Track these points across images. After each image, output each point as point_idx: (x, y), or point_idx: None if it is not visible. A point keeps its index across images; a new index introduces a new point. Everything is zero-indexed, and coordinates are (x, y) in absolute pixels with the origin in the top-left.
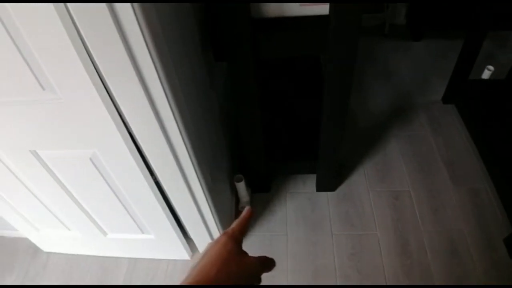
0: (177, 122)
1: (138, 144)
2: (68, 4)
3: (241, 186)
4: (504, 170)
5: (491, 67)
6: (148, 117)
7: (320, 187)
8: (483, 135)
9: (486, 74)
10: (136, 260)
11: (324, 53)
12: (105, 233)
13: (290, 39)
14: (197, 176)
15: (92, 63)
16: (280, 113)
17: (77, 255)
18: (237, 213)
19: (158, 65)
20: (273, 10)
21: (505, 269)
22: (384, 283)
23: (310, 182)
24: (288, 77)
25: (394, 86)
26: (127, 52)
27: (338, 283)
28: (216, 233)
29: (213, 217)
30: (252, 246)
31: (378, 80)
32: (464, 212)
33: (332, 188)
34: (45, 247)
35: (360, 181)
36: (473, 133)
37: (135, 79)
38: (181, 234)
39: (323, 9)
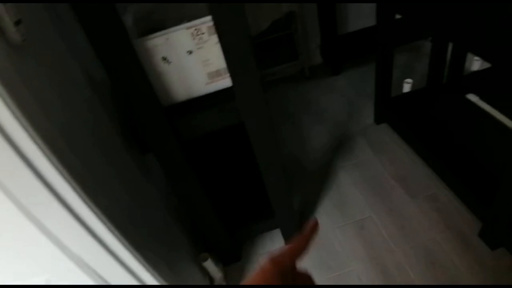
0: (113, 233)
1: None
2: None
3: (209, 265)
4: (451, 168)
5: (409, 80)
6: (81, 235)
7: (287, 239)
8: (420, 143)
9: (406, 88)
10: None
11: (240, 119)
12: None
13: (205, 117)
14: (151, 273)
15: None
16: (225, 181)
17: None
18: None
19: (76, 188)
20: (181, 94)
21: (488, 262)
22: None
23: (276, 237)
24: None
25: (329, 121)
26: (35, 175)
27: None
28: None
29: None
30: None
31: (313, 120)
32: (430, 220)
33: None
34: None
35: (323, 221)
36: (411, 144)
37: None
38: None
39: (226, 82)
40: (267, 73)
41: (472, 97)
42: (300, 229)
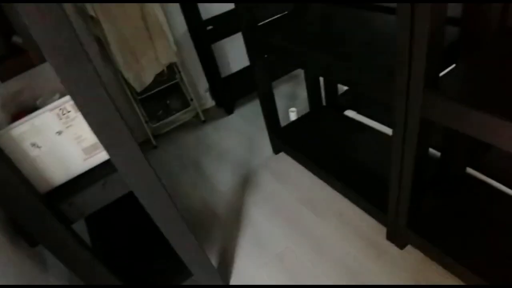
0: None
1: None
2: None
3: None
4: (347, 182)
5: (293, 109)
6: None
7: None
8: (316, 165)
9: (292, 116)
10: None
11: (128, 190)
12: None
13: (90, 194)
14: None
15: None
16: (134, 253)
17: None
18: None
19: None
20: (59, 177)
21: (400, 261)
22: None
23: None
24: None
25: (231, 161)
26: None
27: None
28: None
29: None
30: None
31: (216, 163)
32: (341, 235)
33: None
34: None
35: (246, 264)
36: (308, 167)
37: None
38: None
39: (103, 155)
40: (163, 124)
41: (350, 113)
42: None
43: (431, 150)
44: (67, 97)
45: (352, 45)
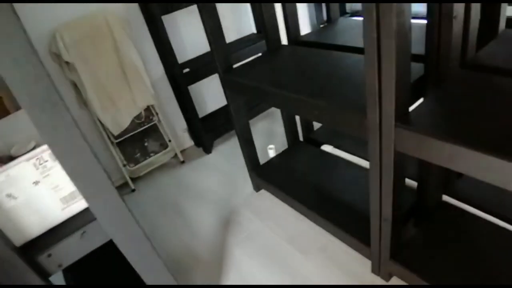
0: None
1: None
2: None
3: None
4: (328, 217)
5: (271, 146)
6: None
7: None
8: (296, 200)
9: (271, 153)
10: None
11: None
12: None
13: (69, 245)
14: None
15: None
16: None
17: None
18: None
19: None
20: (36, 228)
21: None
22: None
23: None
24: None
25: (211, 201)
26: None
27: None
28: None
29: None
30: None
31: (196, 204)
32: (326, 271)
33: None
34: None
35: None
36: (290, 203)
37: None
38: None
39: (84, 203)
40: (141, 167)
41: (327, 147)
42: None
43: (407, 180)
44: (44, 147)
45: (324, 84)
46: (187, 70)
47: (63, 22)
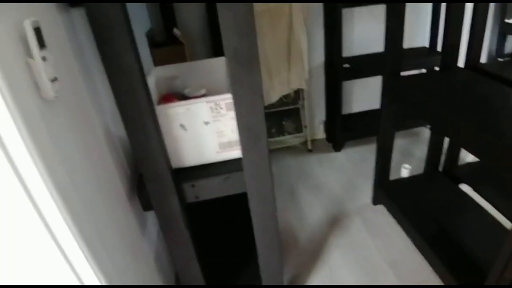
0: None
1: None
2: None
3: None
4: (441, 257)
5: (407, 166)
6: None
7: None
8: (414, 229)
9: (404, 173)
10: None
11: (243, 190)
12: None
13: (211, 183)
14: None
15: None
16: (219, 246)
17: None
18: None
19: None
20: (192, 159)
21: None
22: None
23: None
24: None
25: (326, 196)
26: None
27: None
28: None
29: None
30: None
31: (311, 193)
32: None
33: None
34: None
35: None
36: (405, 228)
37: None
38: None
39: (236, 153)
40: (272, 142)
41: (465, 187)
42: None
43: None
44: (224, 95)
45: (493, 117)
46: (346, 65)
47: None
